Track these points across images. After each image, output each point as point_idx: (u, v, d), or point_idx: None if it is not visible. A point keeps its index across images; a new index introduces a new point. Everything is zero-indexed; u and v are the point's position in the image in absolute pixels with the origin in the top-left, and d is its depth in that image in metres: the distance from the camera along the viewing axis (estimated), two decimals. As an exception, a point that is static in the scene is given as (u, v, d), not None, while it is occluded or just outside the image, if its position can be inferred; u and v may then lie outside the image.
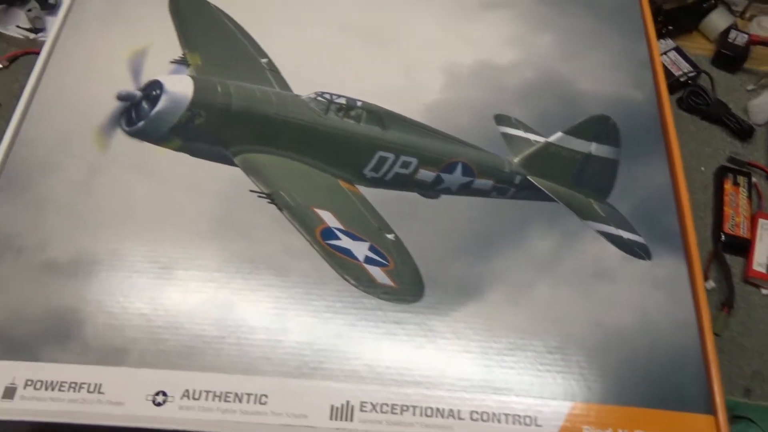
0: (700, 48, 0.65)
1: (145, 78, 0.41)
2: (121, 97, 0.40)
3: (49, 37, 0.43)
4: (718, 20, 0.65)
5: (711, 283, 0.51)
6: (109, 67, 0.42)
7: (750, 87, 0.62)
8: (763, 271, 0.52)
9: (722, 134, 0.60)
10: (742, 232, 0.53)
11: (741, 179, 0.56)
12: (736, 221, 0.54)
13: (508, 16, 0.45)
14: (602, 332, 0.34)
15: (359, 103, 0.40)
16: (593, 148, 0.40)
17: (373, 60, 0.43)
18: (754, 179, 0.56)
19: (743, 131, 0.58)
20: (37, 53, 0.58)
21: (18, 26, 0.59)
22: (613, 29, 0.45)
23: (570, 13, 0.46)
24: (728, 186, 0.56)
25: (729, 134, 0.60)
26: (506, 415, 0.31)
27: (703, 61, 0.64)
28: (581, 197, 0.38)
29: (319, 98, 0.40)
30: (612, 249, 0.36)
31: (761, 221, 0.54)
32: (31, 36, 0.58)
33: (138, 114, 0.39)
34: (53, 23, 0.59)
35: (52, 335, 0.32)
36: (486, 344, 0.33)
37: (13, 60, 0.59)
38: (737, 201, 0.55)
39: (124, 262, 0.34)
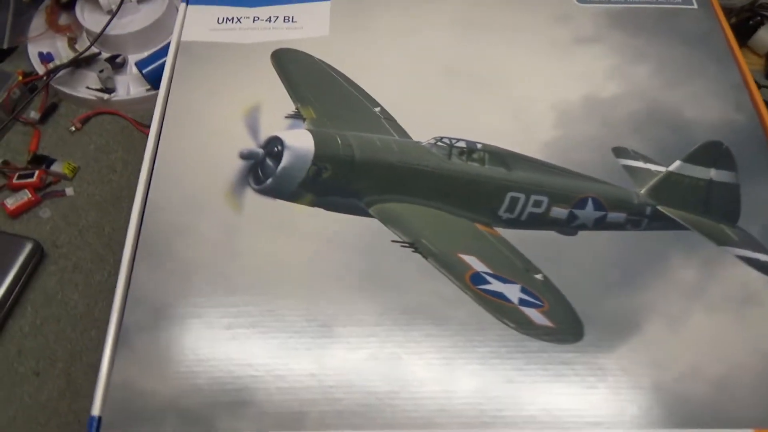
0: (752, 64, 0.67)
1: (263, 135, 0.41)
2: (243, 156, 0.40)
3: (158, 100, 0.43)
4: (766, 36, 0.67)
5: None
6: (223, 126, 0.42)
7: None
8: None
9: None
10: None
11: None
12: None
13: (601, 50, 0.46)
14: (764, 358, 0.34)
15: (479, 146, 0.41)
16: (713, 173, 0.41)
17: (482, 102, 0.44)
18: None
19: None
20: (110, 113, 0.60)
21: (88, 87, 0.59)
22: (703, 54, 0.46)
23: (659, 43, 0.47)
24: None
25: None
26: (692, 448, 0.31)
27: (757, 75, 0.66)
28: (713, 223, 0.39)
29: (440, 143, 0.41)
30: (754, 273, 0.37)
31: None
32: (105, 96, 0.58)
33: (264, 172, 0.39)
34: (123, 83, 0.60)
35: (227, 404, 0.32)
36: (657, 378, 0.33)
37: (85, 121, 0.59)
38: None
39: (282, 323, 0.34)
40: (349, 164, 0.40)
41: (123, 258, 0.36)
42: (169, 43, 0.60)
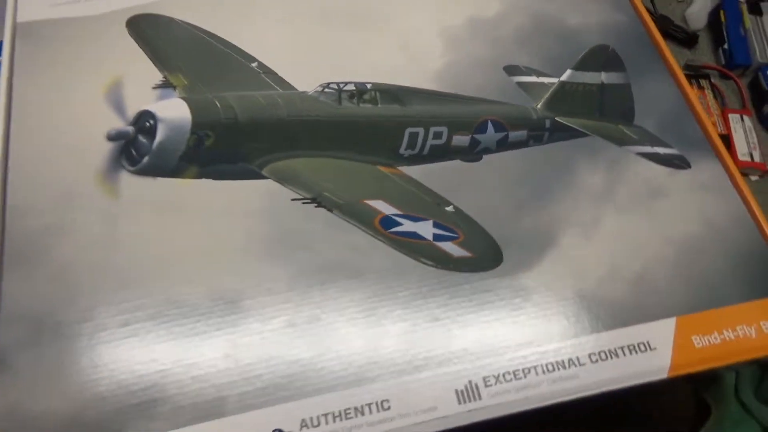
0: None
1: (131, 111, 0.37)
2: (111, 137, 0.36)
3: (0, 95, 0.38)
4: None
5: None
6: (83, 110, 0.37)
7: (680, -2, 0.66)
8: (748, 159, 0.55)
9: (671, 46, 0.64)
10: (720, 129, 0.57)
11: (703, 82, 0.59)
12: (712, 121, 0.57)
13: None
14: (675, 247, 0.34)
15: (369, 86, 0.38)
16: (604, 77, 0.40)
17: (365, 41, 0.41)
18: (713, 80, 0.60)
19: (689, 39, 0.62)
20: None
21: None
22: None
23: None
24: (694, 91, 0.59)
25: (677, 45, 0.63)
26: (622, 348, 0.31)
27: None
28: (612, 125, 0.39)
29: (327, 90, 0.38)
30: (655, 167, 0.37)
31: (730, 116, 0.57)
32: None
33: (138, 150, 0.35)
34: None
35: (135, 407, 0.29)
36: (578, 287, 0.33)
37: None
38: (707, 103, 0.58)
39: (185, 308, 0.31)
40: (233, 127, 0.36)
41: (-12, 274, 0.32)
42: None
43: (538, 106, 0.39)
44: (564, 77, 0.40)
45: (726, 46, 0.59)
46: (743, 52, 0.58)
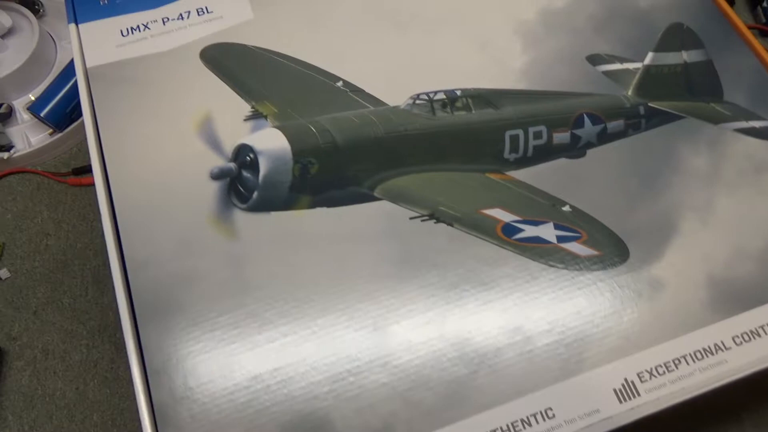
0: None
1: (227, 146, 0.36)
2: (215, 176, 0.35)
3: (90, 146, 0.37)
4: None
5: None
6: (178, 152, 0.36)
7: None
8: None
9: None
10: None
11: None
12: None
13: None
14: (798, 216, 0.35)
15: (459, 92, 0.38)
16: (685, 56, 0.40)
17: (442, 45, 0.40)
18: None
19: None
20: (17, 172, 0.51)
21: (-22, 149, 0.50)
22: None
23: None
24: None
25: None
26: (763, 326, 0.32)
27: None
28: (703, 105, 0.39)
29: (418, 101, 0.38)
30: (755, 141, 0.37)
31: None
32: (5, 156, 0.50)
33: (246, 186, 0.35)
34: (19, 134, 0.52)
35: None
36: (708, 271, 0.33)
37: (-11, 188, 0.51)
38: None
39: (326, 338, 0.31)
40: (333, 151, 0.36)
41: (124, 331, 0.31)
42: (62, 75, 0.52)
43: (629, 93, 0.39)
44: (647, 60, 0.40)
45: (765, 4, 0.59)
46: (784, 9, 0.59)
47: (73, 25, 0.41)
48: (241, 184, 0.35)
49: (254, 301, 0.32)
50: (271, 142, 0.35)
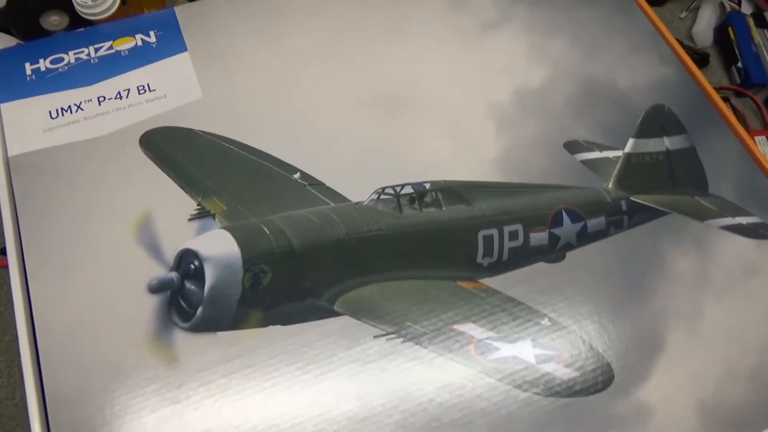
0: None
1: (169, 253, 0.32)
2: (153, 289, 0.31)
3: (9, 250, 0.32)
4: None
5: None
6: (111, 260, 0.32)
7: (682, 14, 0.64)
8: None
9: (680, 67, 0.62)
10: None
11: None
12: None
13: (512, 31, 0.41)
14: (784, 329, 0.33)
15: (428, 185, 0.35)
16: (667, 142, 0.38)
17: (412, 130, 0.37)
18: (732, 102, 0.59)
19: (701, 59, 0.60)
20: None
21: None
22: (608, 9, 0.43)
23: (565, 6, 0.43)
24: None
25: (687, 66, 0.62)
26: None
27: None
28: (688, 198, 0.36)
29: (383, 196, 0.34)
30: (742, 240, 0.35)
31: (756, 138, 0.56)
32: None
33: (188, 301, 0.31)
34: None
35: None
36: (697, 396, 0.30)
37: None
38: (729, 127, 0.57)
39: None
40: (289, 256, 0.32)
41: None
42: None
43: (609, 185, 0.36)
44: (628, 148, 0.37)
45: (740, 64, 0.58)
46: (759, 69, 0.58)
47: (-6, 104, 0.37)
48: (183, 298, 0.31)
49: (197, 445, 0.28)
50: (218, 246, 0.31)
